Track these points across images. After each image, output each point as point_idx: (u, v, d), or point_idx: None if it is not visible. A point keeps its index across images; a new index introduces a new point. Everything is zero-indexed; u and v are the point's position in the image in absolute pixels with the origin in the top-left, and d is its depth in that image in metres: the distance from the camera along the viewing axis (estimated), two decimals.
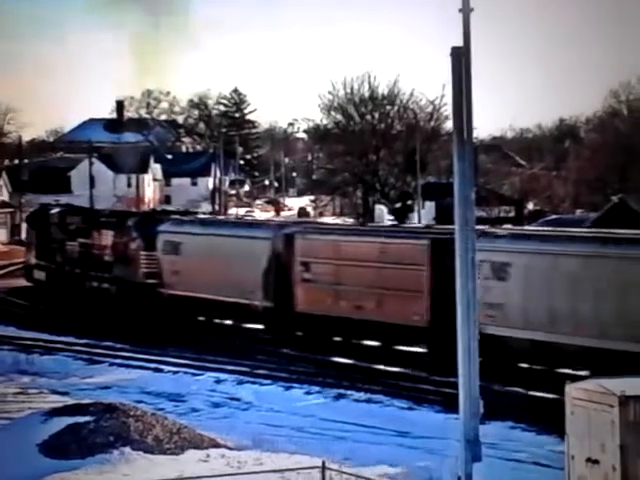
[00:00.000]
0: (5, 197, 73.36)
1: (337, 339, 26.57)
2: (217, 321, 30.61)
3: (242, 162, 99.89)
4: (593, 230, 26.76)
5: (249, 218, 40.09)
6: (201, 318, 30.79)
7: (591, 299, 20.81)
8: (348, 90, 59.41)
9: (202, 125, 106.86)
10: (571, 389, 13.00)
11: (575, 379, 17.53)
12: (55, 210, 39.29)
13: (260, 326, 29.06)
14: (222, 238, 29.98)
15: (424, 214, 54.60)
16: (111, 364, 27.78)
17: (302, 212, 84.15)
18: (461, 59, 11.62)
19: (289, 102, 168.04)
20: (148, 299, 31.53)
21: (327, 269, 26.67)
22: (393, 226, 36.06)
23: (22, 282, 41.86)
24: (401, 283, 24.71)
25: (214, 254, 29.75)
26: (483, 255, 21.43)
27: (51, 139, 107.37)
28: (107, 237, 34.63)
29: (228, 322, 30.39)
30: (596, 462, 12.45)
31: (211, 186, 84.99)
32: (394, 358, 24.92)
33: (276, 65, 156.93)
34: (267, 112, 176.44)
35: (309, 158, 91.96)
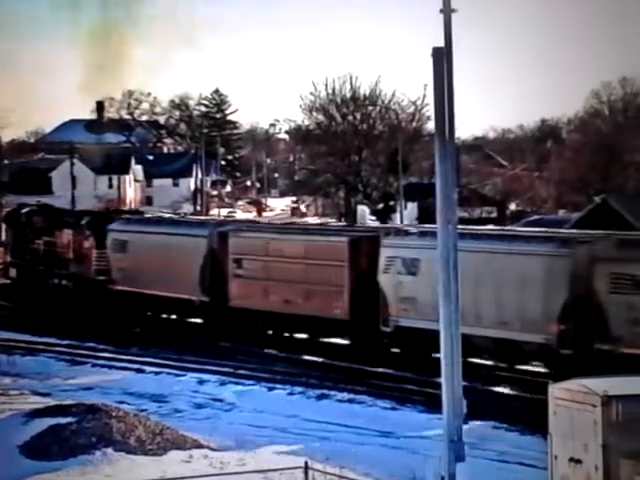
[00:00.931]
0: None
1: (269, 332, 27.86)
2: (165, 316, 31.91)
3: (224, 163, 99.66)
4: (501, 228, 30.08)
5: (193, 217, 41.08)
6: (149, 313, 31.98)
7: (491, 292, 22.43)
8: (330, 91, 59.45)
9: (183, 126, 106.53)
10: (554, 389, 13.04)
11: (480, 367, 21.67)
12: (24, 210, 40.44)
13: (200, 320, 30.32)
14: (164, 236, 31.24)
15: (406, 215, 54.69)
16: (93, 365, 27.70)
17: (295, 211, 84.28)
18: (442, 60, 11.63)
19: (270, 103, 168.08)
20: (99, 295, 32.80)
21: (257, 265, 27.94)
22: (320, 224, 37.73)
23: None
24: (324, 279, 25.95)
25: (157, 251, 31.04)
26: (396, 252, 24.35)
27: (32, 140, 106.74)
28: (67, 236, 35.86)
29: (174, 316, 31.74)
30: (579, 462, 12.49)
31: (193, 187, 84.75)
32: (321, 349, 26.33)
33: (257, 66, 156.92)
34: (248, 113, 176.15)
35: (291, 159, 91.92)
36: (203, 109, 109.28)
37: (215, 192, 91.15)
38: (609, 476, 12.19)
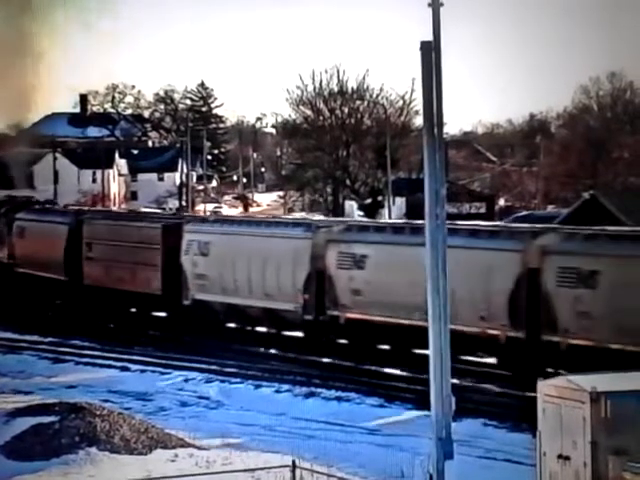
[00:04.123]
0: None
1: (111, 307, 32.26)
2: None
3: (210, 157, 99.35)
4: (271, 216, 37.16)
5: (62, 207, 43.77)
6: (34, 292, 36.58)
7: (260, 271, 27.23)
8: (317, 84, 59.27)
9: (168, 119, 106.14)
10: (542, 386, 12.95)
11: (254, 334, 26.92)
12: None
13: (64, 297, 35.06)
14: (46, 224, 36.20)
15: (395, 210, 54.62)
16: (77, 363, 27.54)
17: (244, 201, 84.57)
18: (431, 54, 11.47)
19: (257, 96, 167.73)
20: (9, 277, 37.38)
21: (102, 249, 32.87)
22: (144, 212, 42.81)
23: None
24: (145, 259, 30.61)
25: (41, 237, 35.83)
26: (193, 236, 29.26)
27: (13, 133, 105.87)
28: None
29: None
30: (567, 459, 12.41)
31: (178, 181, 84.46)
32: (147, 321, 30.91)
33: (243, 59, 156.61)
34: (235, 106, 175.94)
35: (278, 153, 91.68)
36: (188, 102, 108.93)
37: (201, 187, 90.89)
38: (598, 473, 12.12)
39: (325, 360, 25.45)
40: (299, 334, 26.67)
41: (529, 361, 21.16)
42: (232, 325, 28.58)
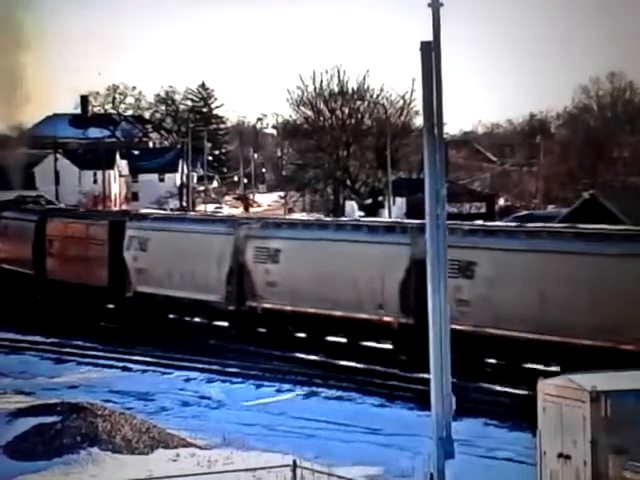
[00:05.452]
0: None
1: (71, 299, 34.09)
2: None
3: (210, 158, 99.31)
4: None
5: (32, 206, 45.73)
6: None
7: (191, 264, 29.27)
8: (317, 85, 59.28)
9: (169, 120, 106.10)
10: (543, 385, 12.97)
11: (191, 325, 29.67)
12: None
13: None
14: (21, 222, 38.63)
15: (395, 210, 54.62)
16: (79, 363, 27.55)
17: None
18: (431, 54, 11.50)
19: (257, 97, 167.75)
20: None
21: (59, 244, 34.98)
22: (96, 211, 46.95)
23: None
24: (95, 254, 32.90)
25: (17, 235, 38.21)
26: (134, 232, 31.57)
27: (14, 134, 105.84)
28: None
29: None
30: (568, 457, 12.43)
31: (179, 182, 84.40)
32: (102, 314, 32.76)
33: (244, 59, 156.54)
34: (235, 107, 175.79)
35: (279, 154, 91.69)
36: (189, 103, 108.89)
37: (202, 187, 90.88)
38: (598, 471, 12.13)
39: (250, 348, 26.91)
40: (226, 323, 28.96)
41: (419, 346, 22.37)
42: (172, 316, 30.72)
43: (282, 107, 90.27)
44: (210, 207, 78.74)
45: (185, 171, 79.79)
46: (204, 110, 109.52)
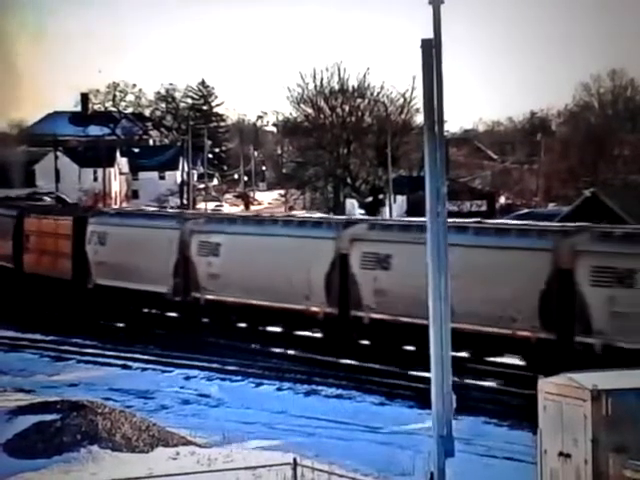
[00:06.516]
0: None
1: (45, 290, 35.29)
2: None
3: (211, 156, 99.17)
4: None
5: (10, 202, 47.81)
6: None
7: (144, 258, 30.77)
8: (318, 82, 59.22)
9: (169, 118, 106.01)
10: (543, 384, 12.96)
11: (146, 315, 30.64)
12: None
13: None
14: (4, 218, 39.19)
15: (396, 208, 54.58)
16: (78, 361, 27.53)
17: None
18: (431, 52, 11.47)
19: (258, 95, 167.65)
20: None
21: (34, 239, 36.41)
22: (64, 207, 46.83)
23: None
24: (62, 249, 34.43)
25: (1, 231, 39.02)
26: (95, 228, 33.33)
27: (14, 132, 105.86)
28: None
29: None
30: (568, 456, 12.42)
31: (179, 180, 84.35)
32: (64, 307, 33.67)
33: (244, 57, 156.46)
34: (235, 105, 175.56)
35: (279, 152, 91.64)
36: (189, 101, 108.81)
37: (202, 185, 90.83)
38: (598, 470, 12.12)
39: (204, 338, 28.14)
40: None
41: (342, 334, 25.40)
42: (130, 308, 31.97)
43: (282, 105, 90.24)
44: (211, 205, 78.66)
45: (185, 169, 79.74)
46: (204, 108, 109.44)
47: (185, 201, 75.85)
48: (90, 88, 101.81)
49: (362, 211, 57.67)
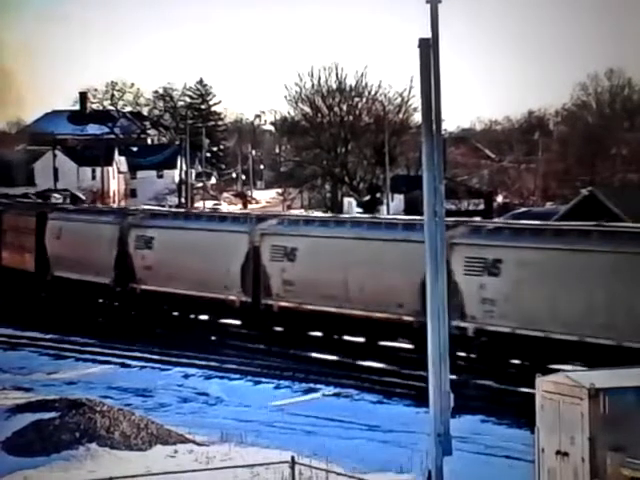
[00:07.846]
0: None
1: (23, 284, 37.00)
2: None
3: (209, 155, 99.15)
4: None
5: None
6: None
7: (91, 251, 32.77)
8: (315, 81, 59.25)
9: (167, 117, 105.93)
10: (541, 382, 12.98)
11: (96, 305, 33.02)
12: None
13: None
14: None
15: (393, 207, 54.60)
16: (77, 359, 27.55)
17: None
18: (429, 51, 11.50)
19: (256, 94, 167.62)
20: None
21: (9, 235, 38.07)
22: (38, 203, 49.12)
23: None
24: (27, 243, 36.46)
25: None
26: (54, 223, 35.03)
27: (13, 131, 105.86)
28: None
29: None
30: (566, 455, 12.43)
31: (177, 179, 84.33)
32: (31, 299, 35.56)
33: (242, 56, 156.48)
34: (233, 104, 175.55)
35: (277, 151, 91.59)
36: (187, 100, 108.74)
37: (200, 184, 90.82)
38: (596, 469, 12.13)
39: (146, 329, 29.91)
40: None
41: (256, 320, 27.54)
42: (82, 297, 33.88)
43: (280, 104, 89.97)
44: (209, 204, 78.62)
45: (183, 168, 79.69)
46: (202, 107, 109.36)
47: (183, 200, 75.82)
48: (88, 87, 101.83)
49: (360, 210, 57.69)
